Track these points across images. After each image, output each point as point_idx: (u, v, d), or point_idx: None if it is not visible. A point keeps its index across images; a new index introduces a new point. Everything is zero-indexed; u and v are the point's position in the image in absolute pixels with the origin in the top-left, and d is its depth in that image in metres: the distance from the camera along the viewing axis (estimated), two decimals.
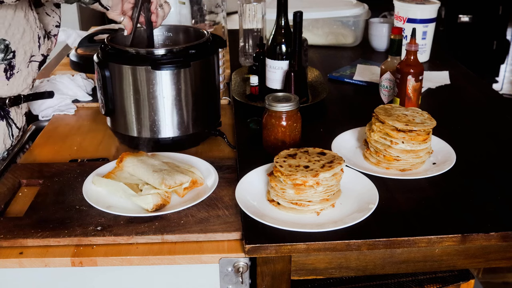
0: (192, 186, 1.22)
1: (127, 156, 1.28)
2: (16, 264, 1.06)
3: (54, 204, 1.19)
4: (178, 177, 1.19)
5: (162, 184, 1.17)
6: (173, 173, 1.21)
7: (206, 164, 1.31)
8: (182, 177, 1.20)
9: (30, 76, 1.40)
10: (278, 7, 1.59)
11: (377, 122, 1.29)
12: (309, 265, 1.10)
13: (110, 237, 1.08)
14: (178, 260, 1.07)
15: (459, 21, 4.59)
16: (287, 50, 1.61)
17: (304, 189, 1.09)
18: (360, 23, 2.28)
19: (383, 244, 1.05)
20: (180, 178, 1.19)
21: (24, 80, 1.39)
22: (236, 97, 1.66)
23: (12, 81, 1.35)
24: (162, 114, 1.38)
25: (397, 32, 1.58)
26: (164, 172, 1.21)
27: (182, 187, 1.19)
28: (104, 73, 1.36)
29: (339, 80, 1.90)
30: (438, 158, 1.32)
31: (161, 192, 1.17)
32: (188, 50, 1.36)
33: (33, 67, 1.41)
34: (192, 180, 1.22)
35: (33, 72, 1.42)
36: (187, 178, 1.20)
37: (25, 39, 1.34)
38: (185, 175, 1.21)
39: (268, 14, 2.04)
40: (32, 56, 1.39)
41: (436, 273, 1.48)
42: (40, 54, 1.42)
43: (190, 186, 1.21)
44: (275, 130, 1.32)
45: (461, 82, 1.90)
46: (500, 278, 2.48)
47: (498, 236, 1.06)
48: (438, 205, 1.15)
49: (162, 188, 1.17)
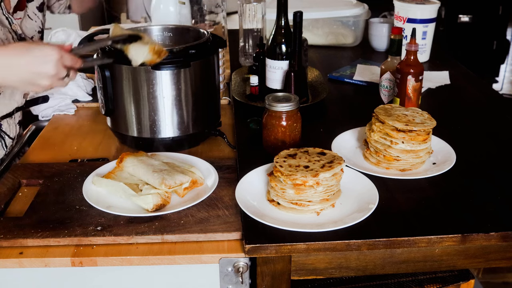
0: (192, 186, 1.22)
1: (127, 156, 1.28)
2: (16, 264, 1.06)
3: (54, 204, 1.19)
4: (178, 177, 1.19)
5: (162, 184, 1.17)
6: (173, 173, 1.21)
7: (206, 164, 1.31)
8: (182, 177, 1.20)
9: (17, 93, 1.35)
10: (278, 7, 1.59)
11: (377, 122, 1.29)
12: (309, 265, 1.10)
13: (110, 237, 1.08)
14: (178, 260, 1.07)
15: (459, 21, 4.59)
16: (287, 50, 1.61)
17: (304, 189, 1.09)
18: (360, 23, 2.27)
19: (383, 244, 1.05)
20: (180, 178, 1.19)
21: (10, 98, 1.33)
22: (236, 97, 1.66)
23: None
24: (162, 114, 1.38)
25: (397, 32, 1.58)
26: (164, 172, 1.21)
27: (182, 187, 1.20)
28: (104, 73, 1.35)
29: (339, 80, 1.90)
30: (438, 158, 1.32)
31: (161, 192, 1.17)
32: (188, 50, 1.36)
33: None
34: (192, 180, 1.22)
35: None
36: (187, 178, 1.20)
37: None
38: (185, 175, 1.21)
39: (268, 14, 2.04)
40: None
41: (436, 273, 1.48)
42: None
43: (190, 186, 1.21)
44: (275, 130, 1.32)
45: (461, 82, 1.90)
46: (500, 278, 2.47)
47: (498, 236, 1.06)
48: (438, 205, 1.15)
49: (162, 188, 1.17)
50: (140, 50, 1.18)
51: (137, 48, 1.18)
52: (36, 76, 1.10)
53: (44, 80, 1.10)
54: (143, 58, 1.17)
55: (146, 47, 1.17)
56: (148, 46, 1.17)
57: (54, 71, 1.10)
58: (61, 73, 1.12)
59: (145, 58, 1.16)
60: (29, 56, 1.09)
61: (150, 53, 1.18)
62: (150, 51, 1.18)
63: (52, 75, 1.10)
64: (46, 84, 1.11)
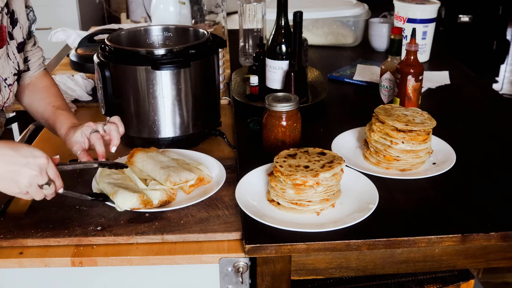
0: (198, 184, 1.23)
1: (137, 152, 1.29)
2: (16, 264, 1.06)
3: (54, 204, 1.18)
4: (183, 175, 1.20)
5: (167, 181, 1.18)
6: (180, 170, 1.21)
7: (215, 162, 1.31)
8: (187, 175, 1.20)
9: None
10: (278, 7, 1.59)
11: (377, 122, 1.29)
12: (309, 265, 1.10)
13: (110, 237, 1.08)
14: (178, 260, 1.07)
15: (459, 21, 4.59)
16: (287, 50, 1.61)
17: (304, 189, 1.09)
18: (360, 23, 2.27)
19: (383, 244, 1.05)
20: (185, 175, 1.20)
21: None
22: (236, 97, 1.66)
23: None
24: (162, 114, 1.38)
25: (397, 32, 1.58)
26: (171, 169, 1.21)
27: (187, 184, 1.20)
28: (104, 73, 1.35)
29: (339, 80, 1.90)
30: (438, 158, 1.32)
31: (166, 189, 1.18)
32: (188, 50, 1.36)
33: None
34: (199, 178, 1.22)
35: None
36: (192, 175, 1.21)
37: None
38: (191, 173, 1.21)
39: (268, 14, 2.04)
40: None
41: (436, 273, 1.48)
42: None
43: (197, 183, 1.22)
44: (275, 130, 1.32)
45: (461, 82, 1.90)
46: (500, 278, 2.47)
47: (498, 236, 1.06)
48: (438, 205, 1.15)
49: (167, 184, 1.17)
50: (127, 197, 1.14)
51: (124, 196, 1.14)
52: (18, 170, 1.01)
53: (25, 178, 1.02)
54: (129, 206, 1.14)
55: (134, 195, 1.14)
56: (136, 195, 1.14)
57: (38, 171, 1.02)
58: (42, 178, 1.04)
59: (132, 205, 1.14)
60: (17, 150, 1.02)
61: (137, 201, 1.15)
62: (139, 199, 1.15)
63: (34, 175, 1.02)
64: (25, 183, 1.02)
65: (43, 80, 1.40)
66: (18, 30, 1.28)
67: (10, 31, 1.25)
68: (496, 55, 4.75)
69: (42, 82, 1.40)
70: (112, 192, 1.16)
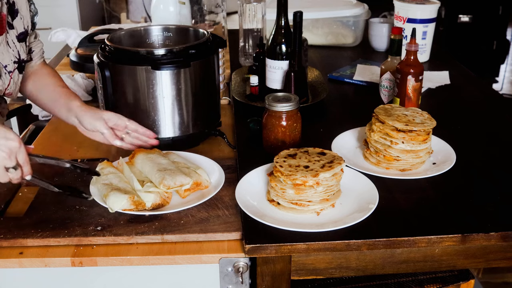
0: (195, 188, 1.21)
1: (139, 153, 1.29)
2: (16, 264, 1.06)
3: (54, 204, 1.19)
4: (179, 178, 1.18)
5: (161, 184, 1.17)
6: (176, 174, 1.20)
7: (217, 166, 1.30)
8: (183, 179, 1.19)
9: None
10: (278, 7, 1.59)
11: (377, 122, 1.29)
12: (309, 265, 1.10)
13: (110, 237, 1.08)
14: (178, 260, 1.07)
15: (459, 21, 4.59)
16: (287, 50, 1.61)
17: (304, 189, 1.09)
18: (360, 23, 2.27)
19: (383, 244, 1.05)
20: (181, 179, 1.18)
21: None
22: (236, 97, 1.66)
23: None
24: (162, 114, 1.38)
25: (397, 32, 1.58)
26: (167, 172, 1.20)
27: (182, 188, 1.19)
28: (104, 73, 1.36)
29: (339, 80, 1.90)
30: (438, 158, 1.32)
31: (161, 192, 1.17)
32: (188, 50, 1.36)
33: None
34: (196, 182, 1.21)
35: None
36: (188, 180, 1.19)
37: None
38: (186, 177, 1.19)
39: (268, 14, 2.04)
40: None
41: (436, 273, 1.48)
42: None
43: (193, 188, 1.21)
44: (275, 130, 1.32)
45: (461, 82, 1.90)
46: (500, 278, 2.47)
47: (498, 236, 1.06)
48: (438, 205, 1.15)
49: (161, 188, 1.17)
50: (118, 198, 1.13)
51: (116, 196, 1.14)
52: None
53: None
54: (120, 207, 1.13)
55: (125, 196, 1.14)
56: (127, 196, 1.14)
57: (7, 153, 1.01)
58: (10, 161, 1.02)
59: (122, 206, 1.13)
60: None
61: (127, 202, 1.15)
62: (129, 200, 1.15)
63: (3, 156, 1.01)
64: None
65: (46, 67, 1.46)
66: (18, 20, 1.30)
67: (9, 21, 1.27)
68: (496, 55, 4.75)
69: (45, 69, 1.45)
70: (105, 193, 1.15)
